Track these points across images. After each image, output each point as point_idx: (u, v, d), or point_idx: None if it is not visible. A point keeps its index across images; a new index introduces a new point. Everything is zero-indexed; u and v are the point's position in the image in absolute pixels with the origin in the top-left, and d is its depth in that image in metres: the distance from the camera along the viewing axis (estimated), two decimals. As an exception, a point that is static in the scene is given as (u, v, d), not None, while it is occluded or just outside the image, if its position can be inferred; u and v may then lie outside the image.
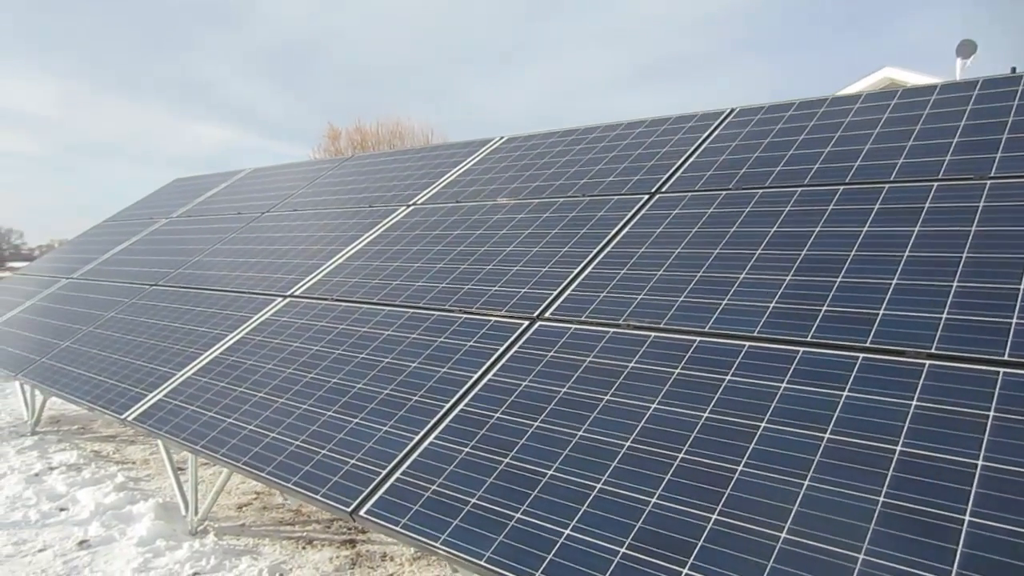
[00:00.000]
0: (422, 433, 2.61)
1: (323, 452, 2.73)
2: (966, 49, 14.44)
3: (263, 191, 6.58)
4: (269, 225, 5.58)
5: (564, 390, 2.55)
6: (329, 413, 2.95)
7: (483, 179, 4.72)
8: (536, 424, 2.44)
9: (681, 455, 2.11)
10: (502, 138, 5.35)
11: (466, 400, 2.69)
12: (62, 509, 4.82)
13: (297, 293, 4.18)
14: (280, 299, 4.21)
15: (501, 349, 2.91)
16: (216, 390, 3.49)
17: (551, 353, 2.77)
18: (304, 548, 3.85)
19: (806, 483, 1.89)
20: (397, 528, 2.25)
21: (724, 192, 3.42)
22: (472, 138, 5.61)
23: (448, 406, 2.70)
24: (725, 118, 4.18)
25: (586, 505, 2.07)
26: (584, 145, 4.60)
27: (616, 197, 3.79)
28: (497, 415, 2.56)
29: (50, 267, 7.36)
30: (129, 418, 3.59)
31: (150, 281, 5.51)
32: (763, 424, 2.11)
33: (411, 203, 4.82)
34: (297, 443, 2.84)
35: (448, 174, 5.06)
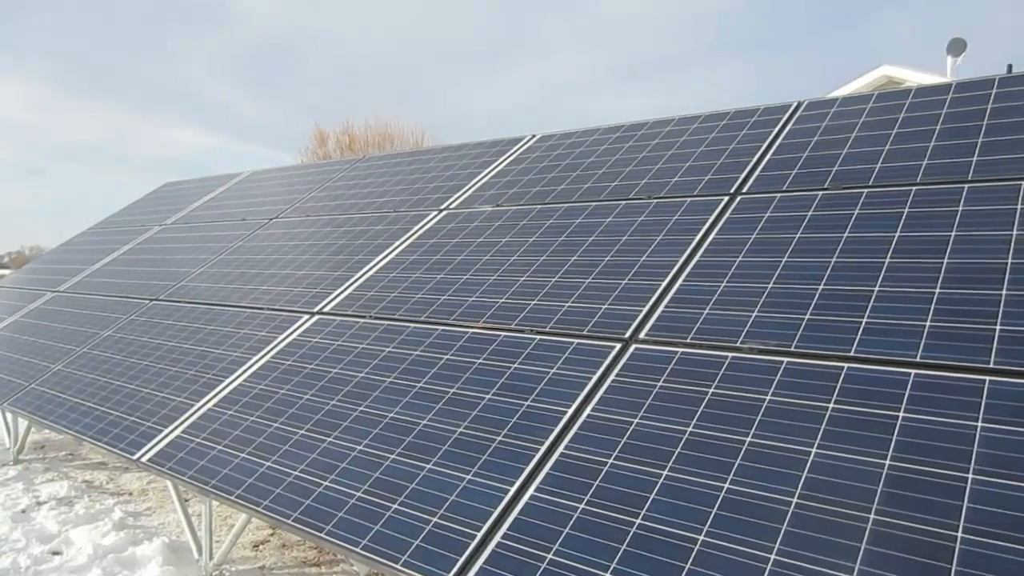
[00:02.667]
0: (518, 484, 2.18)
1: (394, 507, 2.28)
2: (957, 47, 14.32)
3: (268, 195, 6.10)
4: (280, 232, 5.10)
5: (690, 430, 2.13)
6: (392, 457, 2.50)
7: (522, 180, 4.29)
8: (666, 473, 2.02)
9: (872, 515, 1.70)
10: (533, 136, 4.93)
11: (565, 442, 2.27)
12: (56, 553, 4.30)
13: (326, 310, 3.72)
14: (307, 316, 3.74)
15: (595, 378, 2.49)
16: (245, 426, 3.02)
17: (660, 383, 2.35)
18: (343, 600, 3.40)
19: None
20: (511, 610, 1.82)
21: (820, 192, 3.03)
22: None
23: (543, 449, 2.27)
24: (794, 112, 3.80)
25: (762, 584, 1.66)
26: (634, 143, 4.19)
27: (689, 199, 3.38)
28: (611, 461, 2.13)
29: (31, 279, 6.80)
30: (143, 459, 3.11)
31: (149, 295, 5.01)
32: (969, 475, 1.71)
33: (443, 208, 4.38)
34: (358, 495, 2.39)
35: (480, 176, 4.62)
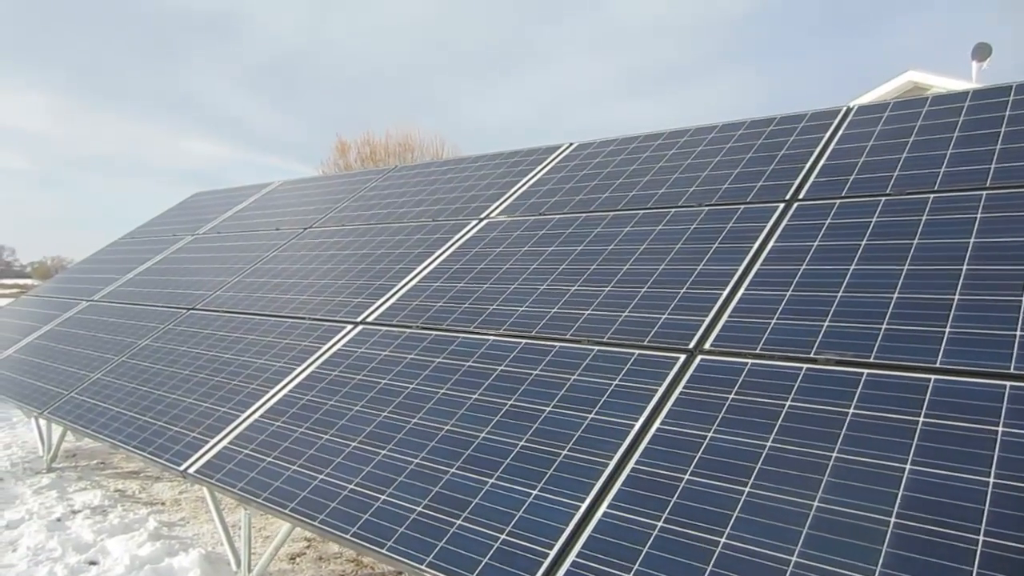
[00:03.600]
0: (589, 500, 2.10)
1: (457, 523, 2.21)
2: (981, 52, 14.19)
3: (301, 205, 6.07)
4: (316, 242, 5.06)
5: (770, 444, 2.04)
6: (452, 471, 2.43)
7: (564, 189, 4.23)
8: (748, 490, 1.93)
9: (981, 536, 1.61)
10: (571, 144, 4.87)
11: (636, 456, 2.19)
12: (92, 563, 4.26)
13: (370, 319, 3.66)
14: (350, 326, 3.69)
15: (661, 390, 2.41)
16: (295, 438, 2.96)
17: (732, 395, 2.27)
18: (390, 617, 3.32)
19: None
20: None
21: (883, 198, 2.94)
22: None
23: (613, 464, 2.19)
24: (844, 117, 3.72)
25: (865, 609, 1.57)
26: (677, 150, 4.12)
27: (743, 206, 3.30)
28: (687, 477, 2.05)
29: (65, 288, 6.80)
30: (190, 470, 3.05)
31: (186, 304, 4.98)
32: (1082, 496, 1.61)
33: (483, 216, 4.32)
34: (419, 510, 2.32)
35: (519, 184, 4.56)
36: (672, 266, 3.07)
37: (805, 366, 2.27)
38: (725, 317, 2.63)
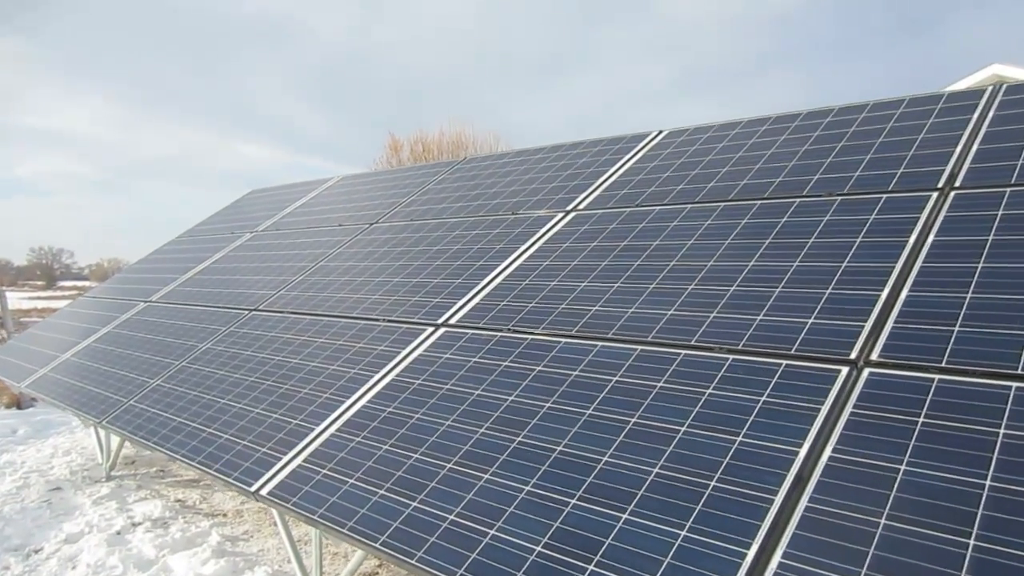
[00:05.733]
0: (756, 546, 1.71)
1: (591, 569, 1.83)
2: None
3: (363, 200, 5.77)
4: (384, 238, 4.75)
5: (988, 483, 1.63)
6: (573, 502, 2.06)
7: (660, 178, 3.83)
8: (972, 542, 1.52)
9: None
10: (660, 132, 4.47)
11: (808, 492, 1.79)
12: (154, 581, 4.02)
13: (452, 321, 3.32)
14: (430, 328, 3.35)
15: (824, 409, 2.00)
16: (378, 456, 2.62)
17: (922, 418, 1.86)
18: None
19: None
20: None
21: (1064, 183, 2.49)
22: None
23: (779, 500, 1.80)
24: (992, 97, 3.25)
25: None
26: (789, 136, 3.69)
27: (884, 196, 2.87)
28: (883, 521, 1.64)
29: (122, 288, 6.63)
30: (262, 492, 2.74)
31: (248, 305, 4.71)
32: None
33: (569, 209, 3.95)
34: (539, 549, 1.95)
35: (606, 174, 4.18)
36: (808, 263, 2.66)
37: (1015, 384, 1.84)
38: (890, 323, 2.21)
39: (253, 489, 2.77)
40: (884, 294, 2.33)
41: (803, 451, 1.90)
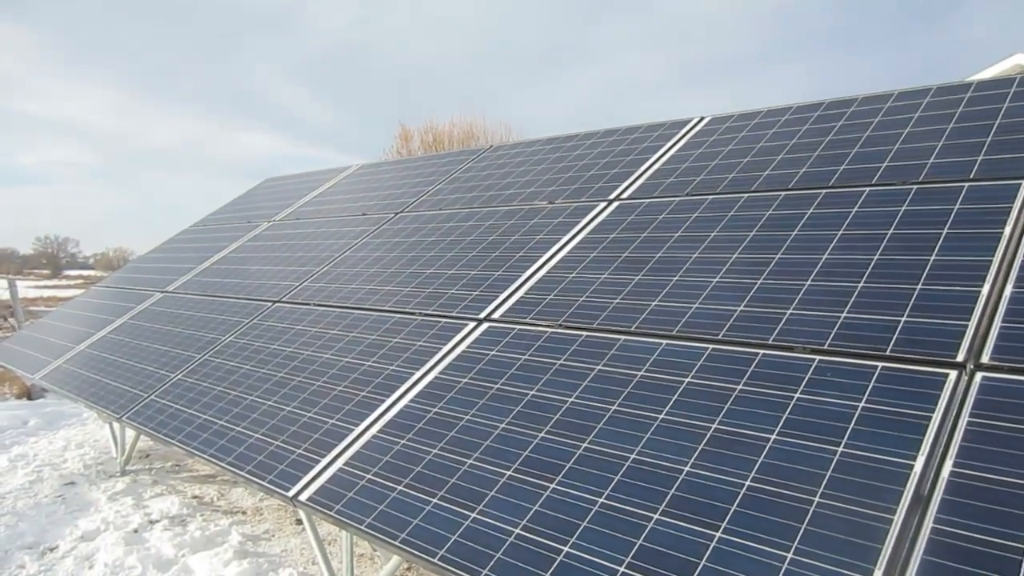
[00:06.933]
0: (879, 575, 1.52)
1: (685, 594, 1.65)
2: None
3: (386, 189, 5.57)
4: (410, 228, 4.56)
5: None
6: (656, 516, 1.87)
7: (709, 166, 3.63)
8: None
9: None
10: (703, 119, 4.26)
11: (932, 512, 1.60)
12: (174, 583, 3.86)
13: (496, 316, 3.13)
14: (472, 323, 3.16)
15: (936, 417, 1.81)
16: (427, 461, 2.44)
17: (1054, 429, 1.67)
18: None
19: None
20: None
21: None
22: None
23: (899, 520, 1.61)
24: (1070, 76, 3.04)
25: None
26: (846, 122, 3.48)
27: (966, 184, 2.67)
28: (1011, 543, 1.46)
29: (136, 278, 6.44)
30: (300, 497, 2.56)
31: (271, 297, 4.52)
32: None
33: (611, 198, 3.75)
34: (622, 570, 1.77)
35: (648, 162, 3.98)
36: (889, 256, 2.46)
37: None
38: (998, 321, 2.02)
39: (291, 494, 2.59)
40: (985, 290, 2.14)
41: (918, 464, 1.71)
